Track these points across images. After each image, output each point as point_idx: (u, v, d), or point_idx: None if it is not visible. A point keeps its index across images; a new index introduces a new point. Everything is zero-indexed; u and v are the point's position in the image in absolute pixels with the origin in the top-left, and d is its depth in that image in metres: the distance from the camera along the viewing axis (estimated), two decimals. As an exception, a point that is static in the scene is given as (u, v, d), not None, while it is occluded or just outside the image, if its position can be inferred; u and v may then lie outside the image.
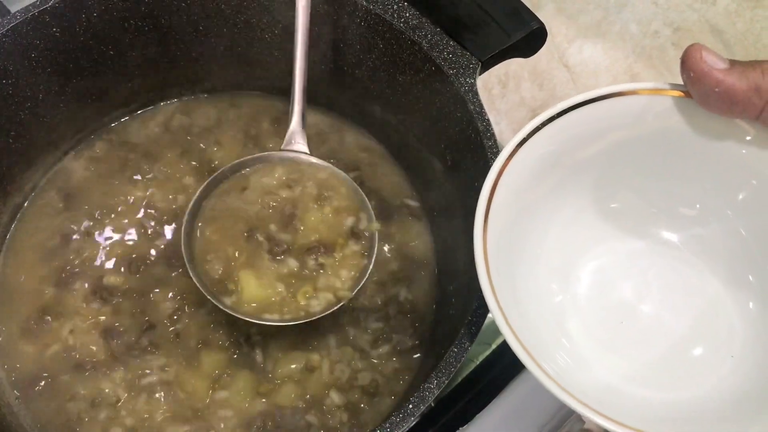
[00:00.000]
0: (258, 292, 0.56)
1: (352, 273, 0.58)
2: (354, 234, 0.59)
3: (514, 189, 0.43)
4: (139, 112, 0.70)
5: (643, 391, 0.44)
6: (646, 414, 0.42)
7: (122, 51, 0.64)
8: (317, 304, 0.56)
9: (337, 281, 0.57)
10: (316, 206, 0.60)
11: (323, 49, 0.65)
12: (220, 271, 0.57)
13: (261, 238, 0.58)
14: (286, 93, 0.71)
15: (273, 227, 0.59)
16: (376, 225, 0.59)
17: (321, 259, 0.58)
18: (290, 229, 0.59)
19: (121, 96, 0.68)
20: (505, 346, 0.64)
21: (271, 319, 0.56)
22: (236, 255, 0.57)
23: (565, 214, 0.47)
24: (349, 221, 0.59)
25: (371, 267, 0.57)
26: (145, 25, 0.63)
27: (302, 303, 0.56)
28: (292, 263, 0.57)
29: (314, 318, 0.56)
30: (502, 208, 0.42)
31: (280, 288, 0.57)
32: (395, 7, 0.59)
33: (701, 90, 0.40)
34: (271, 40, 0.66)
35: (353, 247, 0.59)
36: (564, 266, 0.48)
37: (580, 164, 0.46)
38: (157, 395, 0.57)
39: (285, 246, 0.58)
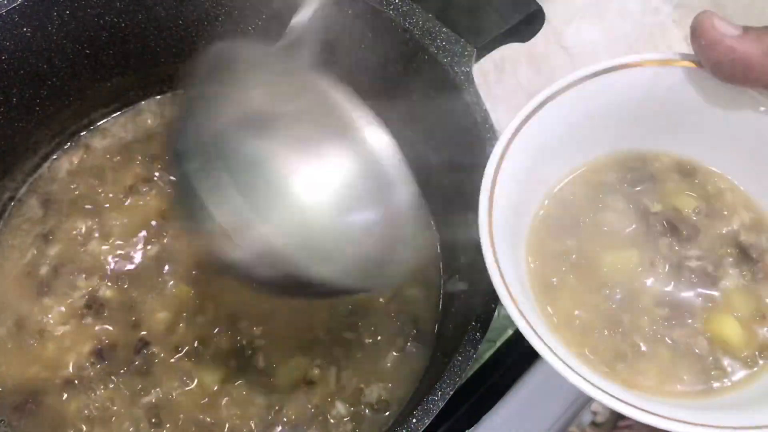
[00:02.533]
0: None
1: None
2: None
3: (519, 174, 0.41)
4: (119, 112, 0.67)
5: None
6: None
7: (99, 49, 0.61)
8: None
9: None
10: None
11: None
12: None
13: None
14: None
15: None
16: None
17: None
18: None
19: (101, 96, 0.65)
20: (510, 344, 0.62)
21: None
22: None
23: None
24: None
25: None
26: (121, 21, 0.60)
27: None
28: None
29: None
30: (505, 196, 0.40)
31: None
32: (384, -8, 0.56)
33: (714, 59, 0.39)
34: (255, 32, 0.63)
35: None
36: None
37: (586, 142, 0.44)
38: (155, 415, 0.54)
39: None
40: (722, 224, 0.43)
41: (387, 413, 0.55)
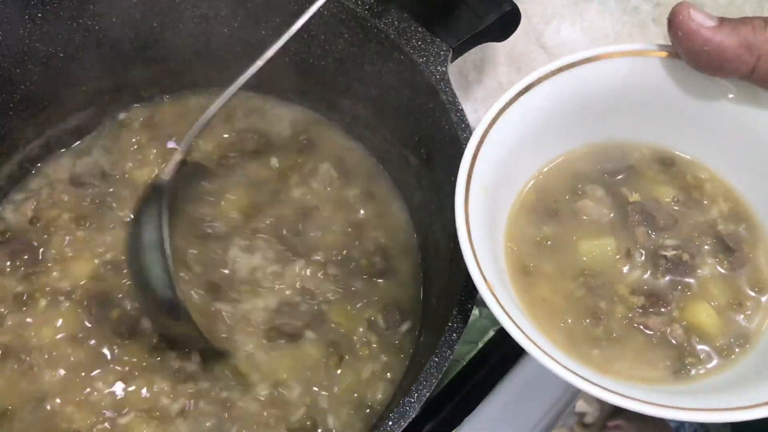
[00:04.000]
0: None
1: None
2: None
3: (496, 163, 0.41)
4: (95, 116, 0.66)
5: None
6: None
7: (73, 53, 0.60)
8: None
9: None
10: None
11: (286, 41, 0.61)
12: None
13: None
14: (254, 88, 0.67)
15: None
16: None
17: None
18: None
19: (77, 100, 0.64)
20: (492, 344, 0.61)
21: None
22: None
23: None
24: None
25: None
26: (95, 24, 0.59)
27: None
28: None
29: None
30: (482, 186, 0.40)
31: None
32: (358, -8, 0.56)
33: (690, 49, 0.39)
34: (231, 33, 0.62)
35: None
36: None
37: (564, 132, 0.44)
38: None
39: None
40: (701, 214, 0.42)
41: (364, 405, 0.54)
